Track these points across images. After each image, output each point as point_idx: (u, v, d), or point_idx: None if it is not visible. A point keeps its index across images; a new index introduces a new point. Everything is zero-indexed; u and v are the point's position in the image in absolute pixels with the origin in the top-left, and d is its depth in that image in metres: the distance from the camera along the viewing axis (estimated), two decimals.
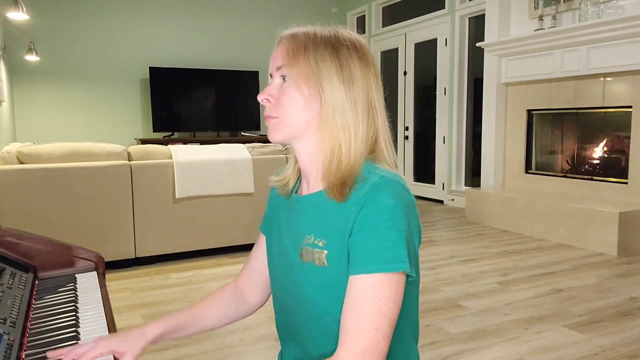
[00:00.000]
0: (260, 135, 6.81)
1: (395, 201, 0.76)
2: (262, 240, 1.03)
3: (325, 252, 0.80)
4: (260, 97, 0.84)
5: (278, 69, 0.83)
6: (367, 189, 0.77)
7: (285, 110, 0.82)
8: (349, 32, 0.86)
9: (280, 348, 1.00)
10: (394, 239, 0.75)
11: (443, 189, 5.79)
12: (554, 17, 4.13)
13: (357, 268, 0.75)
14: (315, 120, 0.82)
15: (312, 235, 0.83)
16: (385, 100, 0.88)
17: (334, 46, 0.81)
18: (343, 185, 0.80)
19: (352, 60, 0.82)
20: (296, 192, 0.93)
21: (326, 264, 0.80)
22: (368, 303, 0.73)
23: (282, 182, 0.95)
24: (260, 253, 1.03)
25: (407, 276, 0.77)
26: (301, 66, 0.80)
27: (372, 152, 0.84)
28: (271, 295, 1.01)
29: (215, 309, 0.99)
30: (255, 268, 1.03)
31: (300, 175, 0.94)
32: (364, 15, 7.07)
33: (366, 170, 0.81)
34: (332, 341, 0.79)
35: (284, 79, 0.83)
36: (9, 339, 0.78)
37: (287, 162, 1.02)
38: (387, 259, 0.74)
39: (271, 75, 0.86)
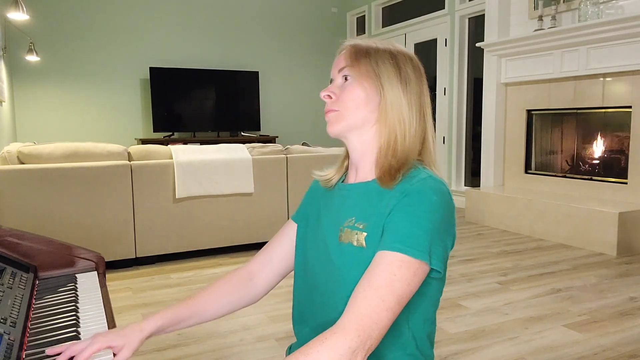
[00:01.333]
0: (260, 135, 6.81)
1: (438, 198, 0.81)
2: (289, 229, 1.06)
3: (365, 234, 0.85)
4: (322, 94, 0.91)
5: (340, 70, 0.91)
6: (415, 181, 0.83)
7: (346, 105, 0.89)
8: (403, 47, 0.95)
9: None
10: (425, 230, 0.79)
11: None
12: (553, 18, 4.13)
13: (384, 244, 0.80)
14: (374, 114, 0.89)
15: (353, 218, 0.88)
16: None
17: (392, 53, 0.91)
18: (397, 170, 0.86)
19: (408, 66, 0.91)
20: (342, 182, 0.98)
21: (365, 245, 0.84)
22: (383, 275, 0.77)
23: (325, 177, 1.00)
24: (283, 240, 1.05)
25: (432, 271, 0.81)
26: (363, 66, 0.89)
27: (421, 153, 0.91)
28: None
29: (217, 300, 1.00)
30: (273, 254, 1.05)
31: (345, 172, 0.99)
32: (364, 15, 7.07)
33: (416, 168, 0.87)
34: None
35: (345, 79, 0.90)
36: (9, 339, 0.78)
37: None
38: (412, 244, 0.78)
39: (331, 80, 0.93)
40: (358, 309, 0.75)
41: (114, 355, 0.84)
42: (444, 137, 5.73)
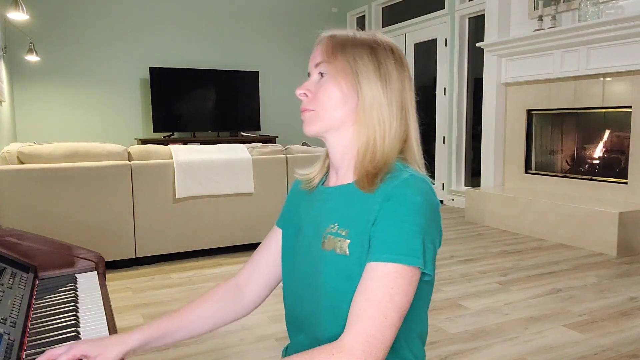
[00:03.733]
0: (260, 135, 6.81)
1: (421, 198, 0.79)
2: (273, 235, 1.02)
3: (348, 241, 0.82)
4: (298, 91, 0.87)
5: (316, 65, 0.86)
6: (397, 183, 0.80)
7: (322, 104, 0.85)
8: (386, 37, 0.89)
9: (282, 345, 1.00)
10: (413, 234, 0.76)
11: (443, 189, 5.79)
12: (553, 18, 4.13)
13: (374, 256, 0.77)
14: (351, 115, 0.85)
15: (336, 224, 0.84)
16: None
17: (372, 46, 0.85)
18: (375, 176, 0.82)
19: (388, 60, 0.85)
20: (322, 185, 0.95)
21: (348, 252, 0.81)
22: (380, 290, 0.74)
23: (308, 177, 0.97)
24: (268, 249, 1.01)
25: (423, 274, 0.79)
26: (339, 62, 0.83)
27: (403, 151, 0.87)
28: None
29: (206, 312, 0.96)
30: (260, 263, 1.01)
31: (327, 172, 0.96)
32: (364, 15, 7.07)
33: (397, 167, 0.84)
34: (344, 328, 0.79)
35: (321, 75, 0.85)
36: (9, 339, 0.78)
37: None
38: (404, 251, 0.76)
39: (309, 74, 0.88)
40: (363, 328, 0.72)
41: None
42: (444, 137, 5.73)
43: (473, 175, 5.61)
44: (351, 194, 0.85)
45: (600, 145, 4.16)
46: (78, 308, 0.99)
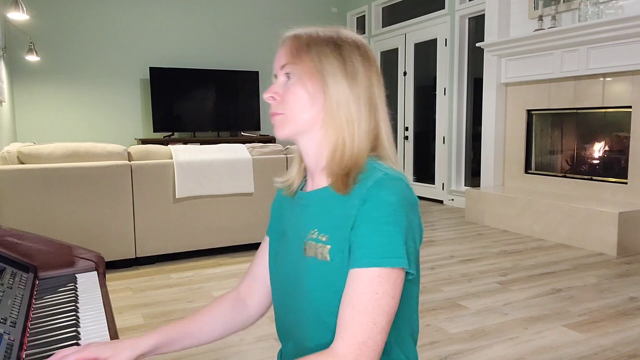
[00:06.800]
0: (260, 135, 6.81)
1: (397, 198, 0.77)
2: (265, 245, 1.02)
3: (328, 246, 0.81)
4: (265, 95, 0.86)
5: (282, 67, 0.84)
6: (371, 184, 0.78)
7: (290, 107, 0.84)
8: (350, 32, 0.87)
9: (279, 347, 1.00)
10: (394, 235, 0.75)
11: (443, 189, 5.79)
12: (553, 18, 4.13)
13: (356, 262, 0.76)
14: (320, 116, 0.83)
15: (316, 230, 0.84)
16: (386, 100, 0.89)
17: (336, 44, 0.83)
18: (347, 177, 0.81)
19: (354, 57, 0.83)
20: (301, 190, 0.94)
21: (329, 258, 0.81)
22: (366, 297, 0.74)
23: (286, 183, 0.96)
24: (262, 259, 1.01)
25: (407, 274, 0.78)
26: (305, 63, 0.82)
27: (375, 148, 0.86)
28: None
29: (212, 321, 0.97)
30: (257, 274, 1.02)
31: (305, 176, 0.94)
32: (364, 15, 7.07)
33: (370, 166, 0.82)
34: (331, 336, 0.79)
35: (288, 77, 0.84)
36: (9, 339, 0.78)
37: (289, 164, 1.02)
38: (386, 253, 0.75)
39: (275, 76, 0.87)
40: (354, 336, 0.73)
41: None
42: (444, 137, 5.73)
43: (473, 175, 5.61)
44: (328, 198, 0.84)
45: (600, 145, 4.16)
46: (78, 308, 0.99)
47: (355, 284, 0.75)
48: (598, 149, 4.18)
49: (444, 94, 5.68)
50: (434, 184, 5.95)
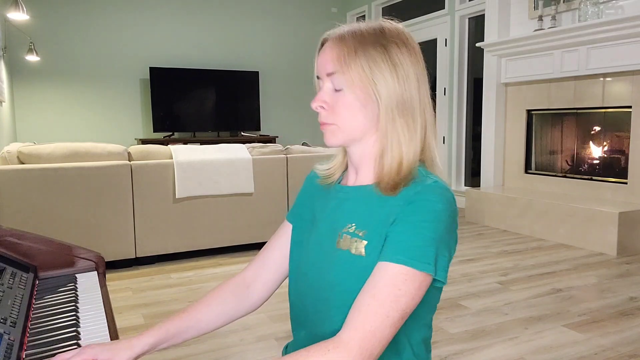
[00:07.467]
0: (260, 135, 6.81)
1: (443, 207, 0.78)
2: (284, 230, 1.00)
3: (365, 242, 0.81)
4: (314, 105, 0.84)
5: (329, 75, 0.82)
6: (420, 189, 0.79)
7: (342, 117, 0.83)
8: (393, 24, 0.85)
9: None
10: (428, 240, 0.76)
11: None
12: (553, 17, 4.13)
13: (387, 255, 0.76)
14: (373, 123, 0.83)
15: (353, 224, 0.84)
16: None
17: (383, 45, 0.81)
18: (399, 183, 0.81)
19: (403, 57, 0.82)
20: (339, 183, 0.93)
21: (364, 253, 0.81)
22: (387, 289, 0.74)
23: (328, 172, 0.95)
24: (278, 244, 1.00)
25: (435, 281, 0.78)
26: (354, 72, 0.80)
27: (422, 152, 0.86)
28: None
29: (212, 310, 0.96)
30: (268, 259, 1.00)
31: (345, 169, 0.94)
32: (364, 15, 7.07)
33: (420, 173, 0.83)
34: None
35: (335, 85, 0.83)
36: (9, 339, 0.78)
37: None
38: (416, 255, 0.75)
39: (318, 77, 0.85)
40: (362, 325, 0.72)
41: None
42: (444, 137, 5.73)
43: (473, 175, 5.61)
44: (371, 196, 0.84)
45: (600, 145, 4.16)
46: (78, 308, 0.99)
47: (380, 276, 0.76)
48: (598, 149, 4.18)
49: (444, 94, 5.68)
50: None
